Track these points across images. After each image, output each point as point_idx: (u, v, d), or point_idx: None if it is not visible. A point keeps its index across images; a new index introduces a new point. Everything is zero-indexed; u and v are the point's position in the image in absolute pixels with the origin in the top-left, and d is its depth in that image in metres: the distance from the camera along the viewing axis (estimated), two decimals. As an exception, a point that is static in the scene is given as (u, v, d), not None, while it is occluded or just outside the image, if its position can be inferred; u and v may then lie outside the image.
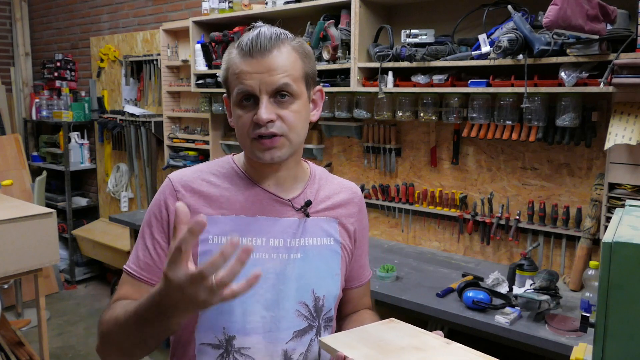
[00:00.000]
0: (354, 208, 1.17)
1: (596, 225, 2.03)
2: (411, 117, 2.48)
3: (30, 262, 2.67)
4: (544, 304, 1.77)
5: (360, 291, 1.24)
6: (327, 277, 1.09)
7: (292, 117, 0.98)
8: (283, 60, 0.97)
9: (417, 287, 2.12)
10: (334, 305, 1.12)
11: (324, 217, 1.12)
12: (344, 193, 1.17)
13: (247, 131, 0.99)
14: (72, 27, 4.84)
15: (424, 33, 2.25)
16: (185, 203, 0.99)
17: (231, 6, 3.04)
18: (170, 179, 1.08)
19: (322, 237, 1.10)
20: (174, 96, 3.81)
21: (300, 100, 1.00)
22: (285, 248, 1.05)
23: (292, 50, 1.00)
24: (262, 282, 1.02)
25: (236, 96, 0.99)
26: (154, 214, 1.06)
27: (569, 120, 2.01)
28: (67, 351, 3.47)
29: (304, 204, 1.08)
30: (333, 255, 1.11)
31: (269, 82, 0.96)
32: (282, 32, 1.00)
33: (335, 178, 1.21)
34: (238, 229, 1.03)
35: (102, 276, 4.71)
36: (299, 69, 1.00)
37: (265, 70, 0.96)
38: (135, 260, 1.06)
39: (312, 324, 1.07)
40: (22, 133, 5.07)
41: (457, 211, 2.49)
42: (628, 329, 0.72)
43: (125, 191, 4.40)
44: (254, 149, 1.00)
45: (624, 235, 0.73)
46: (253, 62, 0.96)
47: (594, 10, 1.68)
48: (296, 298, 1.05)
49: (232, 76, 0.99)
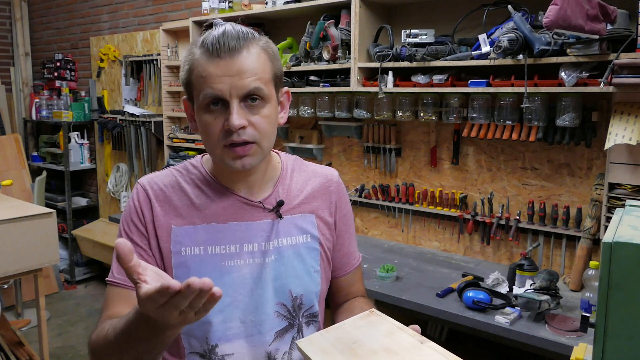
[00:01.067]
0: (330, 197, 1.13)
1: (596, 225, 2.03)
2: (411, 117, 2.48)
3: (30, 262, 2.66)
4: (544, 304, 1.77)
5: (348, 279, 1.20)
6: (304, 275, 1.07)
7: (263, 123, 0.95)
8: (253, 62, 0.92)
9: (417, 287, 2.12)
10: (316, 301, 1.10)
11: (298, 214, 1.08)
12: (317, 181, 1.13)
13: (217, 138, 0.94)
14: (72, 27, 4.84)
15: (424, 33, 2.25)
16: (157, 212, 1.01)
17: (231, 6, 3.04)
18: (139, 183, 1.05)
19: (297, 235, 1.07)
20: (174, 96, 3.81)
21: (270, 103, 0.96)
22: (260, 252, 1.03)
23: (261, 50, 0.95)
24: (240, 288, 1.01)
25: (202, 100, 0.93)
26: (131, 219, 1.03)
27: (569, 120, 2.01)
28: (67, 351, 3.47)
29: (276, 204, 1.05)
30: (310, 252, 1.08)
31: (240, 86, 0.91)
32: (248, 30, 0.95)
33: (310, 165, 1.16)
34: (210, 237, 1.01)
35: (102, 276, 4.71)
36: (269, 71, 0.96)
37: (235, 72, 0.90)
38: (118, 270, 1.02)
39: (293, 322, 1.06)
40: (22, 133, 5.07)
41: (457, 211, 2.49)
42: (628, 329, 0.72)
43: (125, 191, 4.40)
44: (225, 157, 0.96)
45: (624, 235, 0.73)
46: (221, 63, 0.90)
47: (594, 10, 1.68)
48: (274, 300, 1.04)
49: (197, 78, 0.93)
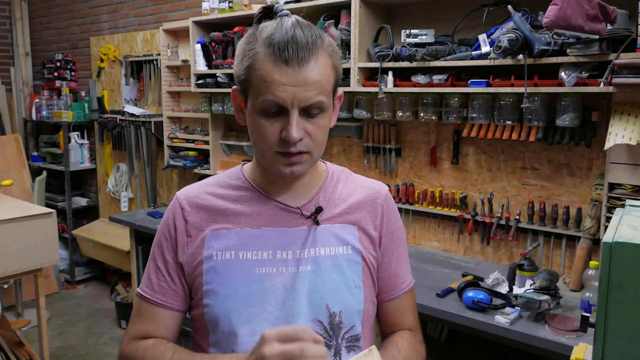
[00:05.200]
0: (376, 210, 1.06)
1: (596, 225, 2.03)
2: (411, 117, 2.48)
3: (30, 262, 2.67)
4: (544, 304, 1.77)
5: (394, 305, 1.09)
6: (343, 290, 0.98)
7: (319, 134, 0.92)
8: (319, 74, 0.88)
9: (417, 287, 2.11)
10: (358, 321, 1.00)
11: (339, 224, 1.02)
12: (363, 193, 1.07)
13: (271, 144, 0.91)
14: (72, 27, 4.84)
15: (424, 33, 2.25)
16: (191, 220, 1.01)
17: (231, 6, 3.04)
18: (177, 196, 1.05)
19: (337, 245, 1.00)
20: (174, 96, 3.81)
21: (327, 112, 0.93)
22: (294, 260, 0.97)
23: (328, 58, 0.91)
24: (271, 299, 0.96)
25: (261, 104, 0.89)
26: (163, 234, 1.03)
27: (569, 120, 2.01)
28: (67, 351, 3.47)
29: (314, 210, 1.00)
30: (351, 265, 1.00)
31: (303, 98, 0.87)
32: (316, 34, 0.90)
33: (357, 177, 1.11)
34: (242, 242, 0.98)
35: (102, 276, 4.72)
36: (332, 80, 0.93)
37: (300, 83, 0.87)
38: (148, 283, 1.04)
39: (329, 343, 0.97)
40: (22, 133, 5.07)
41: (457, 211, 2.49)
42: (628, 329, 0.72)
43: (125, 191, 4.40)
44: (276, 163, 0.93)
45: (624, 235, 0.73)
46: (288, 71, 0.86)
47: (594, 10, 1.68)
48: (308, 315, 0.96)
49: (258, 80, 0.89)
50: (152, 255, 1.05)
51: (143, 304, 1.04)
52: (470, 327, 1.84)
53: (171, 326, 1.03)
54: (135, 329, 1.03)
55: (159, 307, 1.02)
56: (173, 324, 1.03)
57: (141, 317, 1.04)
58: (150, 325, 1.02)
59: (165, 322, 1.02)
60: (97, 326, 3.83)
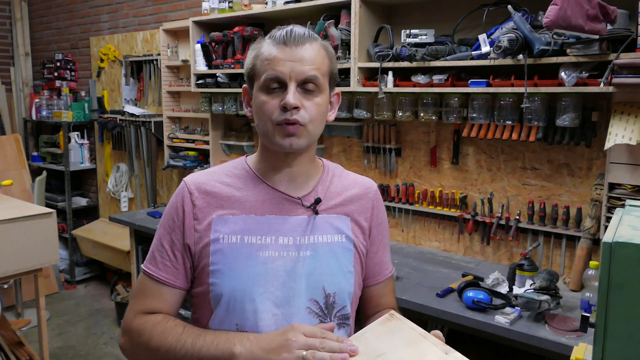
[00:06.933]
0: (367, 204, 1.18)
1: (596, 225, 2.03)
2: (411, 117, 2.48)
3: (30, 262, 2.67)
4: (544, 304, 1.77)
5: (379, 289, 1.22)
6: (338, 273, 1.09)
7: (314, 110, 1.03)
8: (314, 54, 1.03)
9: (417, 287, 2.12)
10: (349, 302, 1.11)
11: (334, 214, 1.12)
12: (356, 188, 1.18)
13: (271, 116, 1.01)
14: (72, 27, 4.84)
15: (424, 33, 2.25)
16: (199, 204, 1.08)
17: (231, 6, 3.04)
18: (185, 181, 1.12)
19: (333, 234, 1.11)
20: (174, 96, 3.81)
21: (323, 94, 1.05)
22: (295, 246, 1.07)
23: (322, 48, 1.06)
24: (273, 280, 1.04)
25: (264, 82, 1.02)
26: (171, 216, 1.10)
27: (569, 120, 2.01)
28: (67, 351, 3.47)
29: (314, 201, 1.10)
30: (344, 252, 1.11)
31: (299, 71, 1.00)
32: (313, 33, 1.06)
33: (350, 174, 1.22)
34: (248, 227, 1.06)
35: (102, 276, 4.72)
36: (327, 65, 1.06)
37: (297, 59, 1.00)
38: (152, 260, 1.10)
39: (324, 321, 1.07)
40: (22, 133, 5.07)
41: (457, 211, 2.49)
42: (628, 329, 0.72)
43: (125, 191, 4.40)
44: (276, 135, 1.02)
45: (624, 235, 0.73)
46: (287, 49, 1.01)
47: (594, 10, 1.68)
48: (307, 295, 1.06)
49: (261, 62, 1.03)
50: (158, 236, 1.11)
51: (147, 280, 1.09)
52: (470, 327, 1.84)
53: (174, 302, 1.10)
54: (141, 304, 1.09)
55: (163, 285, 1.08)
56: (175, 301, 1.10)
57: (145, 293, 1.09)
58: (154, 301, 1.08)
59: (169, 299, 1.09)
60: (97, 326, 3.83)
